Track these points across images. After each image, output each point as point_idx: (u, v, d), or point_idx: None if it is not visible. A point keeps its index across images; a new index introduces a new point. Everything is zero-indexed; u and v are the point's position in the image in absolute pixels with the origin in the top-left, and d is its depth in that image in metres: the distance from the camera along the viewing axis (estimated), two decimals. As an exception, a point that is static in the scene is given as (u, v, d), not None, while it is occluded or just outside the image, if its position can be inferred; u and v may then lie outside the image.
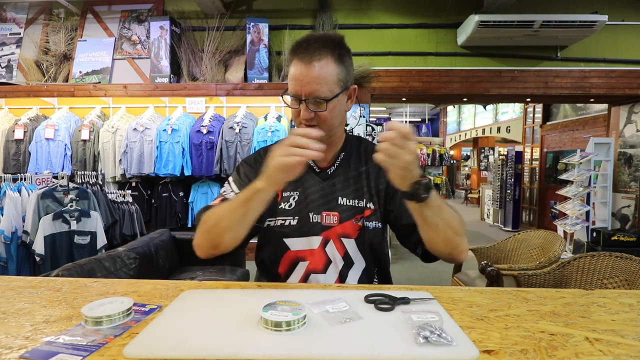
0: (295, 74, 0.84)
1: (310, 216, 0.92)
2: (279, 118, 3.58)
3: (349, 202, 0.94)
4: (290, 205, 0.94)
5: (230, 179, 0.97)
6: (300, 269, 0.91)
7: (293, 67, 0.85)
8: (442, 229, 0.78)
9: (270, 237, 0.94)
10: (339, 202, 0.93)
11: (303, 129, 0.78)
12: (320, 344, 0.52)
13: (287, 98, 0.88)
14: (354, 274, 0.92)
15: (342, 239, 0.92)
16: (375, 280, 0.96)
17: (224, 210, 0.81)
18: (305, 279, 0.91)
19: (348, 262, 0.92)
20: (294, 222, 0.92)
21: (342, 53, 0.86)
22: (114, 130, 3.60)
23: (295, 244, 0.92)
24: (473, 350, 0.51)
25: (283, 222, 0.93)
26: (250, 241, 0.99)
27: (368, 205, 0.94)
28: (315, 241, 0.91)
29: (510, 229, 6.77)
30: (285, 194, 0.95)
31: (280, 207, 0.94)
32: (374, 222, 0.94)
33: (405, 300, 0.67)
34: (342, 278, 0.91)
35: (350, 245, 0.92)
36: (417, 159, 0.71)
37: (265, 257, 0.97)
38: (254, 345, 0.52)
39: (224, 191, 0.94)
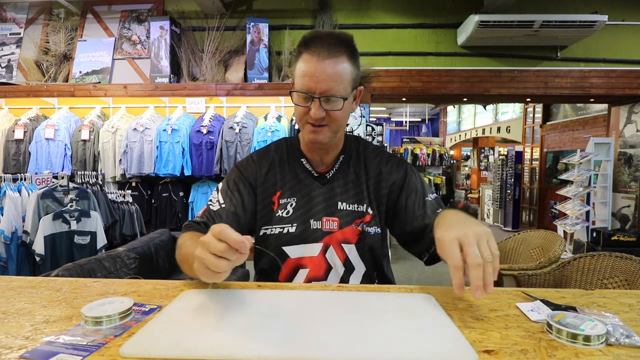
0: (308, 70, 0.79)
1: (311, 222, 0.90)
2: (279, 118, 3.58)
3: (349, 206, 0.91)
4: (288, 212, 0.90)
5: (220, 186, 0.95)
6: (301, 276, 0.89)
7: (305, 62, 0.80)
8: None
9: (268, 246, 0.91)
10: (339, 207, 0.91)
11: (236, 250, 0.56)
12: (316, 344, 0.52)
13: (294, 95, 0.83)
14: (355, 279, 0.91)
15: (342, 244, 0.90)
16: (375, 282, 0.95)
17: (184, 259, 0.74)
18: None
19: (349, 268, 0.90)
20: (292, 230, 0.89)
21: (355, 52, 0.84)
22: (114, 130, 3.60)
23: (295, 251, 0.89)
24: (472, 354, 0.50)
25: (281, 230, 0.89)
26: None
27: (367, 210, 0.92)
28: (315, 248, 0.89)
29: (510, 229, 6.78)
30: (282, 201, 0.91)
31: (277, 214, 0.91)
32: (374, 227, 0.91)
33: None
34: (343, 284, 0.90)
35: (351, 250, 0.90)
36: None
37: (264, 265, 0.94)
38: (248, 346, 0.51)
39: (211, 201, 0.92)
